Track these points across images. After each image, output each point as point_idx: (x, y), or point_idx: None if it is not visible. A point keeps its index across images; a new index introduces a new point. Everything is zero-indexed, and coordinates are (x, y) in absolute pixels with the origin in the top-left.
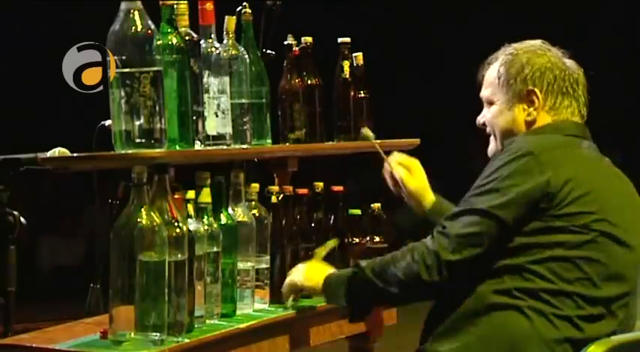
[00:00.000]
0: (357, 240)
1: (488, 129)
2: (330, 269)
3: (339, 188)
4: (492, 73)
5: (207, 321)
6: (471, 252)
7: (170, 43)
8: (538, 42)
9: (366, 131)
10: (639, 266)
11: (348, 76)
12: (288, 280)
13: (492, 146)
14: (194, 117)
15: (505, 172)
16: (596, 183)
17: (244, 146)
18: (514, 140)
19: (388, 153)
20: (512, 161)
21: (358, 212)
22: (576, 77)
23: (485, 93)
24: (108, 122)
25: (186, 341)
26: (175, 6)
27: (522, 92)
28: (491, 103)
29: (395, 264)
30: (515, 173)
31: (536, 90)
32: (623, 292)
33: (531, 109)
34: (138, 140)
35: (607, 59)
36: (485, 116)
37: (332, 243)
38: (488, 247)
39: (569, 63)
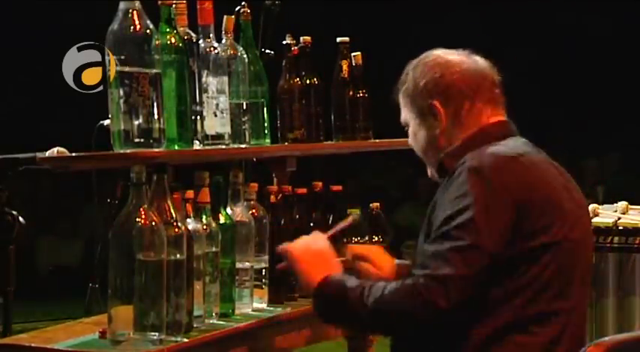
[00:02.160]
0: (356, 240)
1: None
2: (328, 272)
3: (338, 187)
4: (400, 96)
5: (206, 321)
6: (465, 295)
7: (169, 42)
8: (435, 51)
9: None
10: (591, 259)
11: (346, 76)
12: (293, 254)
13: (429, 169)
14: (193, 117)
15: (468, 201)
16: (549, 188)
17: (243, 146)
18: (464, 160)
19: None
20: (475, 184)
21: (357, 211)
22: (476, 76)
23: (402, 116)
24: (107, 122)
25: (185, 340)
26: (174, 6)
27: (424, 107)
28: (407, 126)
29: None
30: (480, 199)
31: (435, 102)
32: (585, 291)
33: (437, 123)
34: (137, 140)
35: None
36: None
37: (350, 218)
38: (481, 284)
39: (471, 63)
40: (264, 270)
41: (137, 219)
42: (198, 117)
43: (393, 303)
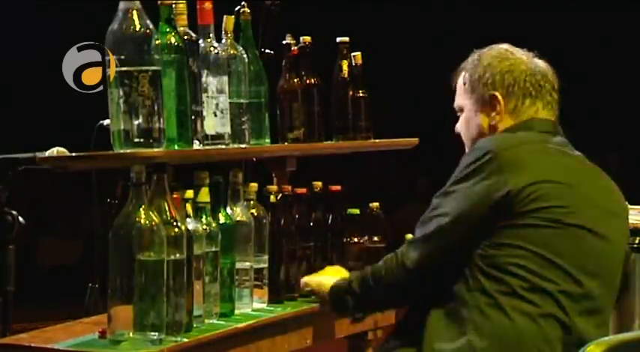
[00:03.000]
0: (356, 240)
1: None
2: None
3: (338, 187)
4: (460, 81)
5: (206, 321)
6: (431, 248)
7: (169, 42)
8: (503, 46)
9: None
10: (619, 259)
11: (346, 76)
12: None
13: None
14: (193, 117)
15: (464, 173)
16: (567, 177)
17: (243, 145)
18: (479, 141)
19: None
20: (472, 162)
21: (357, 211)
22: (540, 77)
23: (457, 101)
24: (106, 121)
25: (185, 340)
26: (174, 5)
27: (485, 97)
28: (462, 111)
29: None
30: (473, 173)
31: (497, 94)
32: (606, 289)
33: (494, 114)
34: (136, 139)
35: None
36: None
37: None
38: (452, 248)
39: (537, 63)
40: (264, 270)
41: (137, 219)
42: (198, 117)
43: (382, 270)
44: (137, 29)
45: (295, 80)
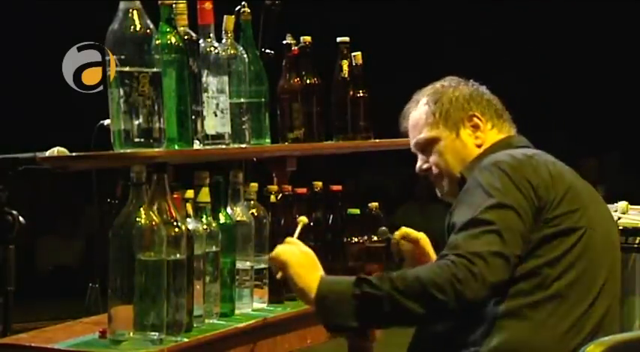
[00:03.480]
0: (356, 240)
1: (434, 172)
2: (318, 275)
3: (338, 187)
4: (421, 116)
5: (206, 321)
6: (505, 270)
7: (169, 42)
8: (449, 78)
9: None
10: (616, 250)
11: (346, 76)
12: (280, 258)
13: (444, 185)
14: (193, 117)
15: (498, 184)
16: (569, 179)
17: (243, 145)
18: (483, 160)
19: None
20: (499, 174)
21: (357, 211)
22: (493, 100)
23: (421, 137)
24: (107, 121)
25: (185, 340)
26: (174, 5)
27: (464, 119)
28: (431, 144)
29: (425, 280)
30: (508, 183)
31: (475, 112)
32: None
33: (478, 133)
34: (137, 139)
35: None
36: (425, 161)
37: (302, 223)
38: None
39: (488, 91)
40: (264, 270)
41: (137, 219)
42: (199, 117)
43: (436, 280)
44: (137, 29)
45: (295, 80)
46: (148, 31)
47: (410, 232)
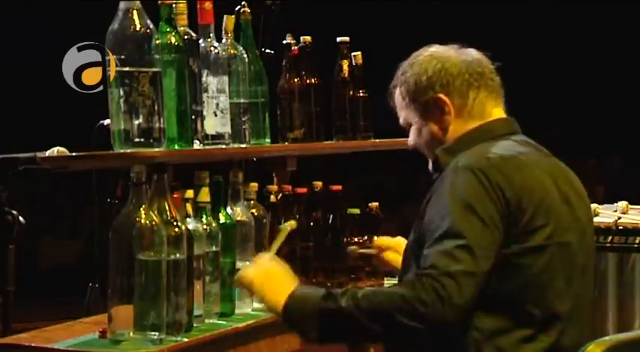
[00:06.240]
0: (356, 240)
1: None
2: (290, 287)
3: (338, 187)
4: (398, 98)
5: (206, 320)
6: (474, 290)
7: (169, 42)
8: (426, 49)
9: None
10: (589, 256)
11: (346, 76)
12: (246, 279)
13: (430, 164)
14: (193, 117)
15: (472, 192)
16: (541, 187)
17: (243, 145)
18: (457, 159)
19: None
20: (473, 182)
21: (357, 211)
22: (476, 65)
23: (402, 118)
24: (107, 121)
25: (185, 340)
26: (174, 5)
27: (429, 102)
28: (410, 125)
29: (385, 303)
30: (482, 193)
31: (440, 95)
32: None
33: (445, 116)
34: (137, 139)
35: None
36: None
37: (285, 231)
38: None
39: (467, 53)
40: None
41: (137, 219)
42: (199, 117)
43: (399, 302)
44: (137, 29)
45: (295, 80)
46: (148, 30)
47: (384, 241)
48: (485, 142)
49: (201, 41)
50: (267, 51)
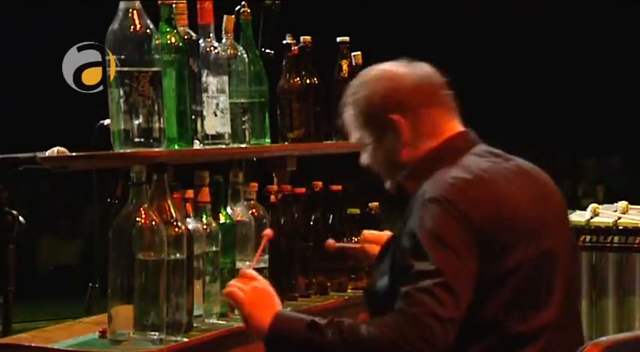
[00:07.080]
0: (356, 240)
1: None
2: (272, 312)
3: (338, 187)
4: (349, 119)
5: (206, 320)
6: (456, 333)
7: (169, 42)
8: (374, 68)
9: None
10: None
11: (346, 76)
12: (236, 297)
13: (387, 183)
14: (193, 117)
15: (443, 225)
16: (511, 202)
17: (243, 145)
18: (424, 189)
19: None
20: (435, 218)
21: (357, 211)
22: (426, 82)
23: (353, 138)
24: (107, 121)
25: (185, 340)
26: (174, 5)
27: (382, 123)
28: (364, 145)
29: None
30: (444, 228)
31: (394, 116)
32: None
33: (399, 137)
34: (137, 139)
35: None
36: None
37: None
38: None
39: (416, 70)
40: (264, 270)
41: (137, 219)
42: (199, 117)
43: (384, 341)
44: (137, 29)
45: (295, 80)
46: (148, 31)
47: (369, 236)
48: (447, 164)
49: (201, 41)
50: (267, 51)
